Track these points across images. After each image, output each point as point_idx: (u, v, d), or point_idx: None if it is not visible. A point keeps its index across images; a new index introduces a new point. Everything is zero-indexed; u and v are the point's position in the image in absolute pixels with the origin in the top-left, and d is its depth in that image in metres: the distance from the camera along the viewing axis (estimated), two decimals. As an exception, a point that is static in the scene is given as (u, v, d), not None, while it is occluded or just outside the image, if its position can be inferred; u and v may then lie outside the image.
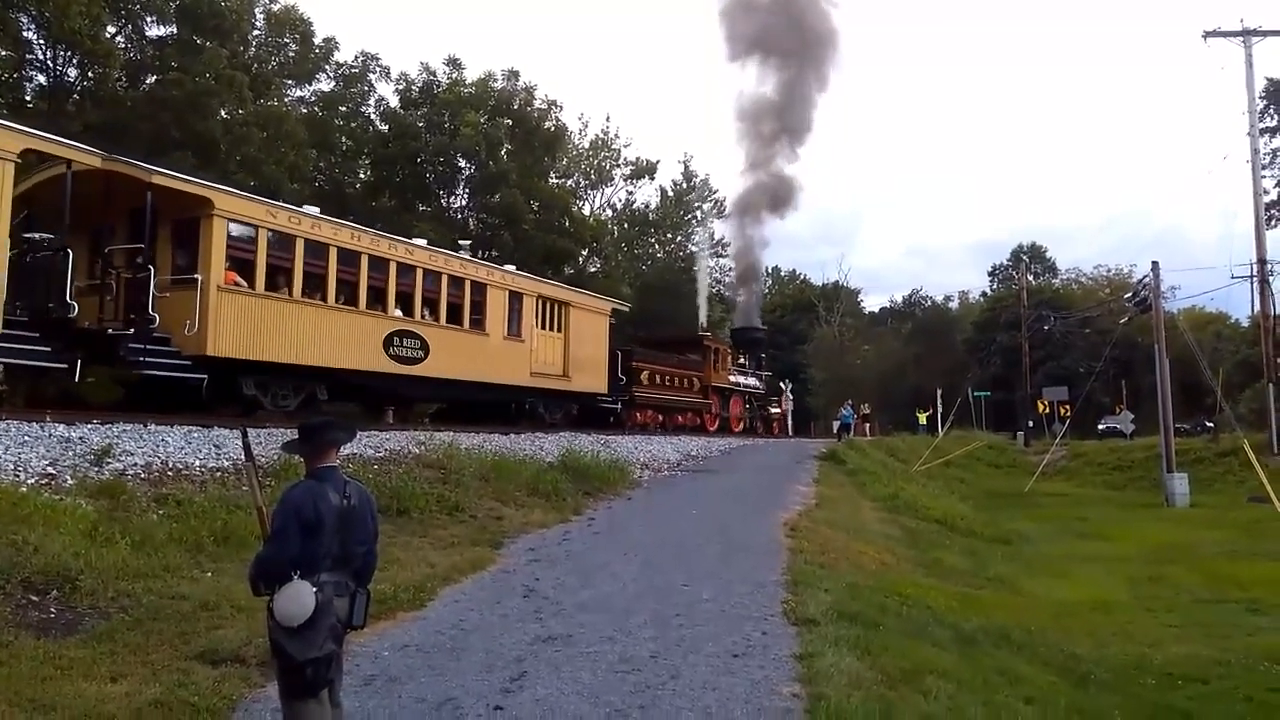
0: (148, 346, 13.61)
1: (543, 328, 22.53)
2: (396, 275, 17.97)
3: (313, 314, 16.10)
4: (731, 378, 36.08)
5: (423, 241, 20.18)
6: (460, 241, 23.57)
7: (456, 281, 19.60)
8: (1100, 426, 51.61)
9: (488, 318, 20.46)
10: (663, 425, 29.64)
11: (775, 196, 48.10)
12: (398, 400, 20.35)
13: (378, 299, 17.62)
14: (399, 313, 18.10)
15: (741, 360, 38.26)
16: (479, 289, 20.23)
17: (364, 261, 17.13)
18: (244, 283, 15.01)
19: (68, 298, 12.97)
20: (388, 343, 17.60)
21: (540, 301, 22.61)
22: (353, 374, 17.04)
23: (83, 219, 13.63)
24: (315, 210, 17.09)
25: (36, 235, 13.32)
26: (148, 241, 13.92)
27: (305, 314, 15.96)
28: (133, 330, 13.58)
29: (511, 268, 23.52)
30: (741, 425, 36.60)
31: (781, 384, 43.17)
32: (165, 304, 13.85)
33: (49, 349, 12.43)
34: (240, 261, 15.00)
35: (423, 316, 18.71)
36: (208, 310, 14.14)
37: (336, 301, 16.58)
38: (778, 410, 41.26)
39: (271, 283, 15.60)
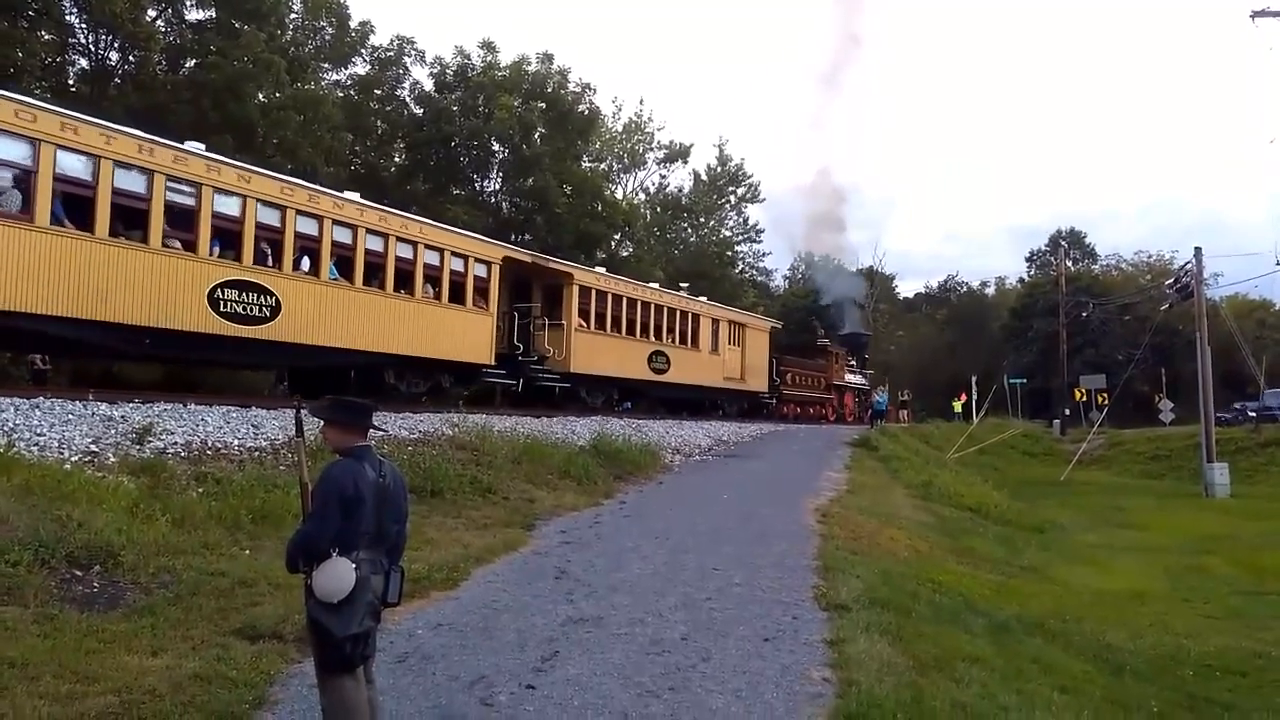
0: (541, 367, 21.58)
1: (729, 344, 30.17)
2: (653, 312, 25.83)
3: (614, 342, 24.11)
4: (846, 376, 43.61)
5: (656, 285, 28.54)
6: (681, 285, 31.26)
7: (683, 314, 27.61)
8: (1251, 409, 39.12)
9: (700, 338, 28.28)
10: (798, 416, 36.72)
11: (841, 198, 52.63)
12: (650, 398, 27.36)
13: (643, 329, 25.39)
14: (653, 338, 25.85)
15: (852, 361, 45.86)
16: (695, 319, 28.19)
17: (639, 305, 25.24)
18: (585, 324, 22.89)
19: (514, 341, 21.08)
20: (649, 359, 25.53)
21: (729, 324, 30.49)
22: (631, 381, 25.29)
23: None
24: (603, 270, 25.34)
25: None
26: (536, 301, 22.37)
27: (611, 342, 23.96)
28: (536, 357, 21.70)
29: (704, 298, 31.49)
30: (853, 416, 43.25)
31: (885, 383, 49.19)
32: (541, 339, 22.04)
33: (504, 372, 20.30)
34: (582, 310, 22.77)
35: (666, 340, 26.34)
36: (570, 342, 22.16)
37: (625, 334, 24.53)
38: None
39: (595, 322, 23.22)
